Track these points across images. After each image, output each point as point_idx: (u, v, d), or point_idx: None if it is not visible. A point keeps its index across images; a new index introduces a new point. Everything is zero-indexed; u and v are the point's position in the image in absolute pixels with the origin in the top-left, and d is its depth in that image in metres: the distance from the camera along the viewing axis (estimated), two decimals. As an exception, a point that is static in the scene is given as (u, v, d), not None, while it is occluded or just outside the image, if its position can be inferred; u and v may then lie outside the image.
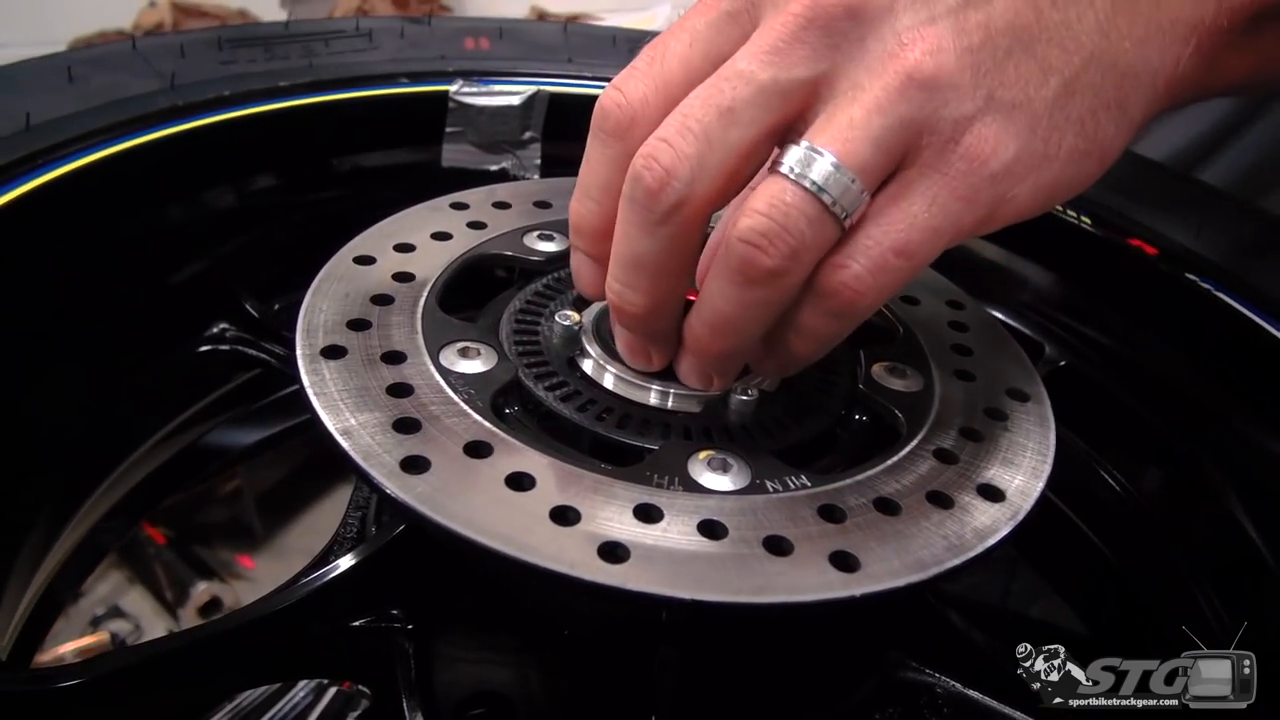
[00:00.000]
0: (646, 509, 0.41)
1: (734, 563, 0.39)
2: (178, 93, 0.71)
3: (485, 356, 0.50)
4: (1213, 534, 0.62)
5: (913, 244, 0.40)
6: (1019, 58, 0.40)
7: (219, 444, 0.76)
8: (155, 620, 1.93)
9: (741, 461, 0.45)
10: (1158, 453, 0.67)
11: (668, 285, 0.44)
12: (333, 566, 0.46)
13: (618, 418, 0.48)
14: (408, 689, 0.53)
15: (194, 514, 2.48)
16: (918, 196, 0.40)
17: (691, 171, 0.40)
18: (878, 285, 0.40)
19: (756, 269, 0.39)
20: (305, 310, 0.51)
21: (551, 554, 0.38)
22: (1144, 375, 0.69)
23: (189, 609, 1.90)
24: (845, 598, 0.38)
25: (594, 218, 0.46)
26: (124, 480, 0.68)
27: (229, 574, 2.04)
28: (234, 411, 0.77)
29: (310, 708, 0.91)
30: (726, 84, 0.40)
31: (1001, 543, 0.43)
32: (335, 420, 0.44)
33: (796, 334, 0.44)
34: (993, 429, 0.50)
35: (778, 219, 0.39)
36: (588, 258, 0.48)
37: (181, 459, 0.75)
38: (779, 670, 0.51)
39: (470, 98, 0.83)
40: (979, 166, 0.40)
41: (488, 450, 0.43)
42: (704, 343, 0.45)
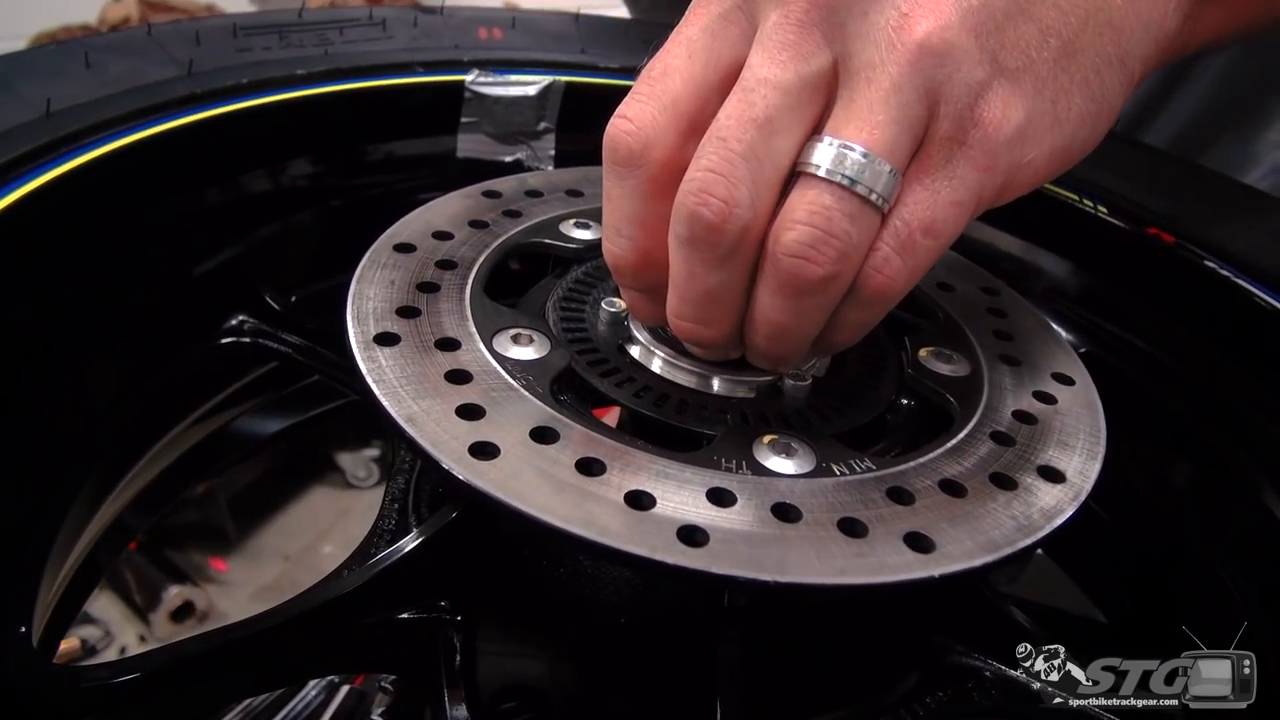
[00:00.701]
0: (719, 493, 0.41)
1: (812, 545, 0.39)
2: (196, 80, 0.70)
3: (538, 343, 0.49)
4: (1246, 525, 0.63)
5: (939, 221, 0.40)
6: (1017, 21, 0.40)
7: (240, 433, 0.75)
8: (125, 625, 1.89)
9: (805, 445, 0.45)
10: (1181, 442, 0.68)
11: (741, 305, 0.43)
12: (395, 549, 0.46)
13: (675, 404, 0.48)
14: (450, 681, 0.52)
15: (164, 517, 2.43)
16: (939, 172, 0.39)
17: (750, 195, 0.39)
18: (908, 268, 0.40)
19: (807, 280, 0.39)
20: (353, 297, 0.50)
21: (633, 538, 0.38)
22: (1166, 363, 0.70)
23: (161, 613, 1.86)
24: (924, 578, 0.39)
25: (630, 254, 0.44)
26: (147, 470, 0.67)
27: (201, 577, 2.01)
28: (255, 401, 0.76)
29: (323, 706, 0.90)
30: (755, 95, 0.39)
31: (1068, 523, 0.43)
32: (398, 407, 0.43)
33: (833, 326, 0.44)
34: (1044, 412, 0.50)
35: (821, 225, 0.38)
36: (638, 292, 0.47)
37: (202, 449, 0.74)
38: (832, 658, 0.51)
39: (486, 88, 0.82)
40: (994, 133, 0.39)
41: (554, 436, 0.43)
42: (763, 350, 0.45)
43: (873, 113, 0.38)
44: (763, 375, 0.50)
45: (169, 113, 0.67)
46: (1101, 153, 0.46)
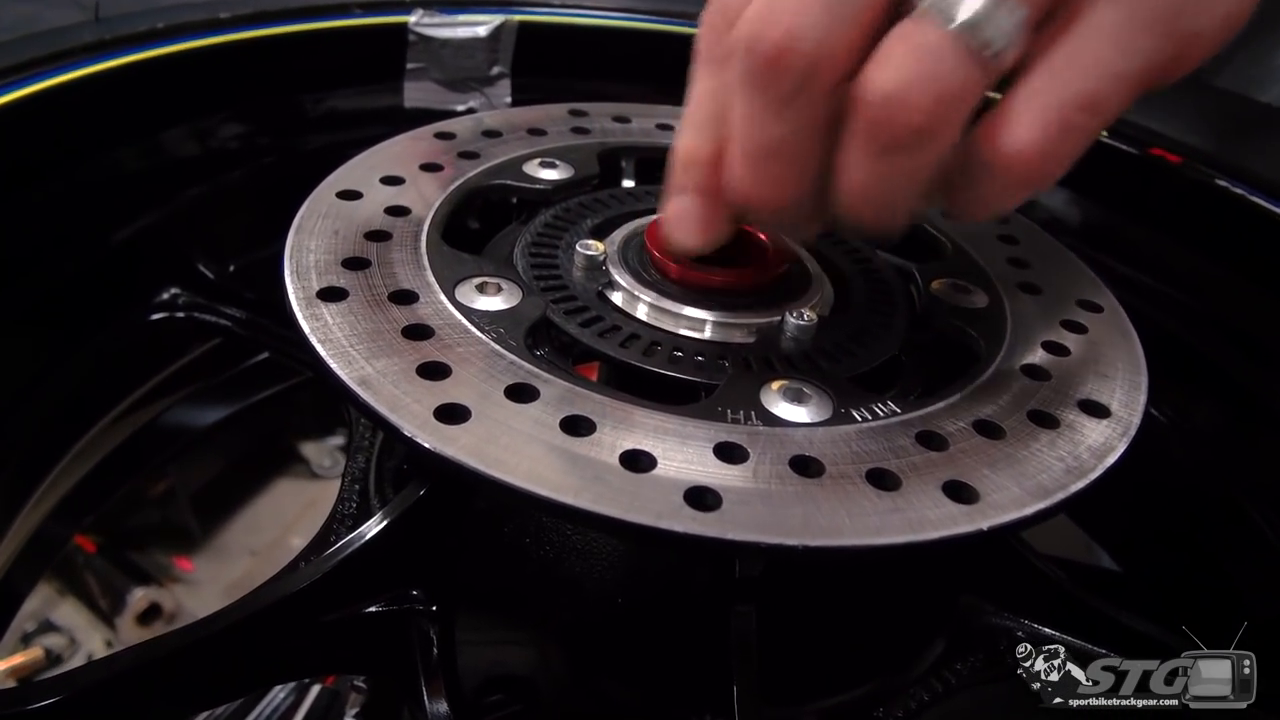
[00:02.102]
0: (728, 448, 0.35)
1: (840, 501, 0.34)
2: (104, 25, 0.62)
3: (507, 292, 0.43)
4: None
5: (1100, 94, 0.32)
6: None
7: (179, 423, 0.68)
8: (91, 632, 1.81)
9: (819, 390, 0.39)
10: (1206, 378, 0.63)
11: (810, 169, 0.35)
12: (355, 536, 0.40)
13: (667, 353, 0.42)
14: (429, 676, 0.46)
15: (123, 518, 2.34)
16: (1097, 32, 0.32)
17: (823, 26, 0.31)
18: (1061, 151, 0.32)
19: (897, 131, 0.31)
20: (290, 250, 0.43)
21: (634, 505, 0.32)
22: (1181, 295, 0.66)
23: (127, 617, 1.79)
24: (972, 532, 0.33)
25: (707, 151, 0.38)
26: (73, 469, 0.60)
27: (167, 578, 1.93)
28: (194, 387, 0.69)
29: (294, 708, 0.84)
30: None
31: (1120, 460, 0.38)
32: (349, 369, 0.37)
33: (965, 205, 0.36)
34: (1076, 342, 0.45)
35: (914, 69, 0.31)
36: (696, 195, 0.40)
37: (137, 441, 0.67)
38: (854, 628, 0.46)
39: (432, 29, 0.75)
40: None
41: (532, 393, 0.37)
42: (852, 219, 0.36)
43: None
44: (762, 317, 0.44)
45: (73, 61, 0.59)
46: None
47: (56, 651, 1.89)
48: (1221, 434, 0.62)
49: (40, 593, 1.70)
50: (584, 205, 0.53)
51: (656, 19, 0.82)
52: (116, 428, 0.63)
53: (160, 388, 0.66)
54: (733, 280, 0.46)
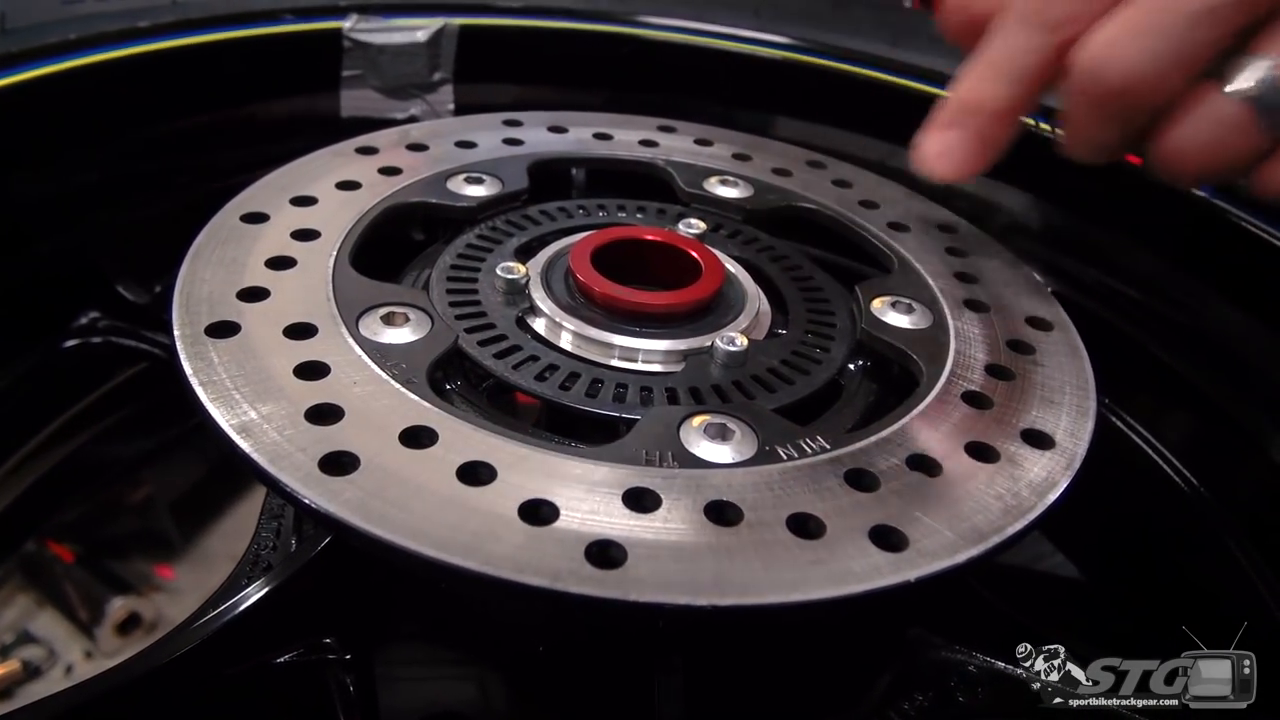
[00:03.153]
0: (638, 494, 0.33)
1: (756, 552, 0.31)
2: (10, 37, 0.59)
3: (416, 322, 0.40)
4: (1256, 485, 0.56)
5: None
6: None
7: (103, 456, 0.65)
8: (70, 643, 1.77)
9: (743, 425, 0.37)
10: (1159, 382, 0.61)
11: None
12: (239, 599, 0.37)
13: (586, 384, 0.40)
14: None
15: (101, 527, 2.30)
16: None
17: (1156, 76, 0.38)
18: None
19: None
20: (182, 281, 0.41)
21: (529, 563, 0.30)
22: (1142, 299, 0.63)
23: (106, 627, 1.75)
24: (898, 584, 0.31)
25: (996, 104, 0.44)
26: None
27: (148, 587, 1.89)
28: (117, 416, 0.66)
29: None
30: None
31: (1063, 497, 0.36)
32: (228, 415, 0.34)
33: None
34: (1022, 364, 0.43)
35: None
36: (969, 135, 0.45)
37: (60, 473, 0.64)
38: (793, 670, 0.44)
39: (368, 35, 0.72)
40: None
41: (431, 437, 0.34)
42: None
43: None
44: (691, 341, 0.42)
45: (-25, 75, 0.56)
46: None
47: (35, 663, 1.85)
48: (1188, 445, 0.60)
49: (18, 604, 1.67)
50: (510, 223, 0.50)
51: (610, 22, 0.79)
52: (35, 462, 0.60)
53: (81, 417, 0.62)
54: (662, 303, 0.43)
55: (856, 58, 0.73)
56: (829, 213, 0.53)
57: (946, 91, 0.47)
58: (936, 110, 0.47)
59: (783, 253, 0.50)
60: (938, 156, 0.46)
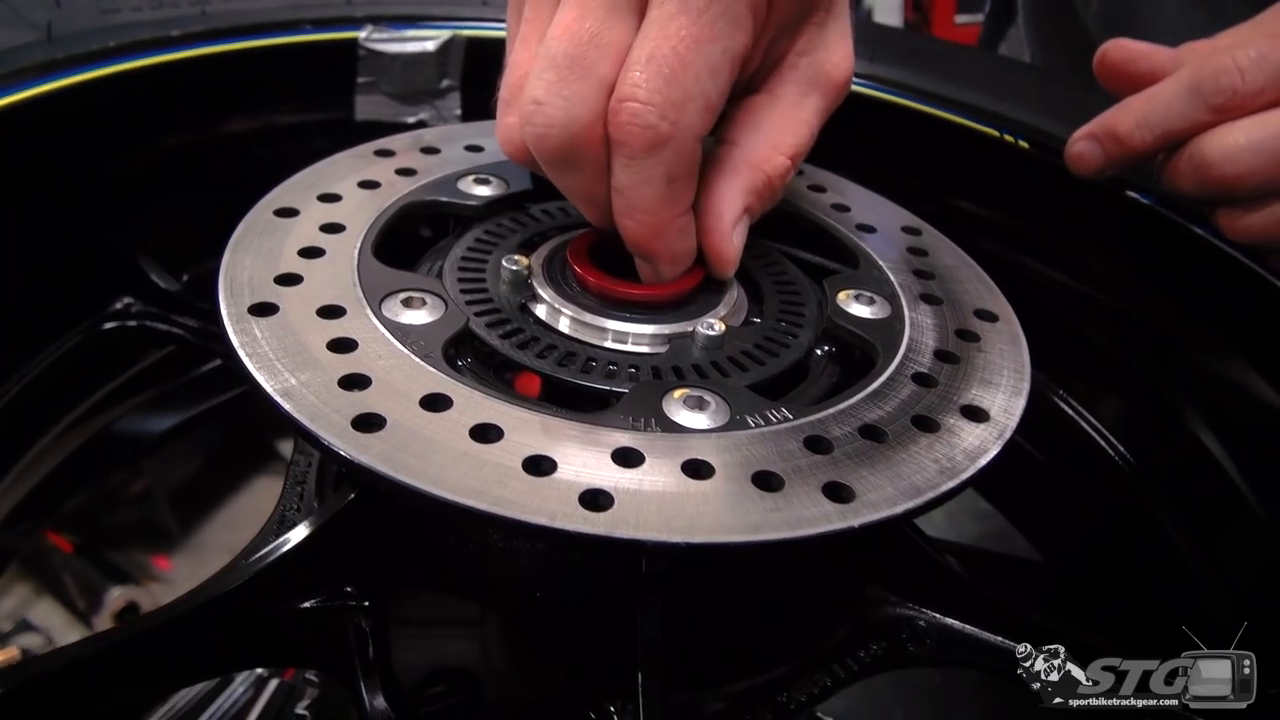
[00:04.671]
0: (625, 453, 0.38)
1: (724, 501, 0.37)
2: (56, 45, 0.64)
3: (431, 306, 0.46)
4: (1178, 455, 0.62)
5: None
6: None
7: (133, 430, 0.70)
8: (68, 631, 1.82)
9: (718, 398, 0.42)
10: (1111, 376, 0.67)
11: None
12: (282, 541, 0.42)
13: (581, 362, 0.45)
14: (365, 670, 0.49)
15: (101, 518, 2.34)
16: None
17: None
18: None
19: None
20: (226, 268, 0.46)
21: (530, 506, 0.35)
22: (1093, 299, 0.69)
23: (103, 616, 1.80)
24: (844, 529, 0.36)
25: (1141, 146, 0.59)
26: (27, 477, 0.62)
27: (145, 577, 1.94)
28: (147, 394, 0.71)
29: (252, 703, 0.86)
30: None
31: (993, 463, 0.41)
32: (273, 381, 0.39)
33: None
34: (967, 350, 0.48)
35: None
36: (1108, 158, 0.60)
37: (91, 448, 0.69)
38: (763, 617, 0.49)
39: (382, 45, 0.78)
40: None
41: (447, 403, 0.40)
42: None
43: None
44: (675, 327, 0.47)
45: (26, 80, 0.61)
46: (1020, 86, 0.45)
47: (34, 651, 1.89)
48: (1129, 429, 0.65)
49: (17, 592, 1.71)
50: (515, 220, 0.56)
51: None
52: (70, 435, 0.66)
53: (115, 394, 0.68)
54: (649, 293, 0.48)
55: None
56: (803, 214, 0.59)
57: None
58: (1099, 118, 0.61)
59: (761, 250, 0.56)
60: (1076, 157, 0.62)
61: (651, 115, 0.41)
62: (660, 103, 0.41)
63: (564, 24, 0.43)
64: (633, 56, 0.42)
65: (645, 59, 0.41)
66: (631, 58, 0.42)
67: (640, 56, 0.42)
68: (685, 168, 0.44)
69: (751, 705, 0.47)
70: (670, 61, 0.41)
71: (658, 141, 0.42)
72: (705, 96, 0.43)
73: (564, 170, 0.46)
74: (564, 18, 0.43)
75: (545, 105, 0.43)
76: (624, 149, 0.43)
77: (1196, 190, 0.58)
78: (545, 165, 0.46)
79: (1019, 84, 0.78)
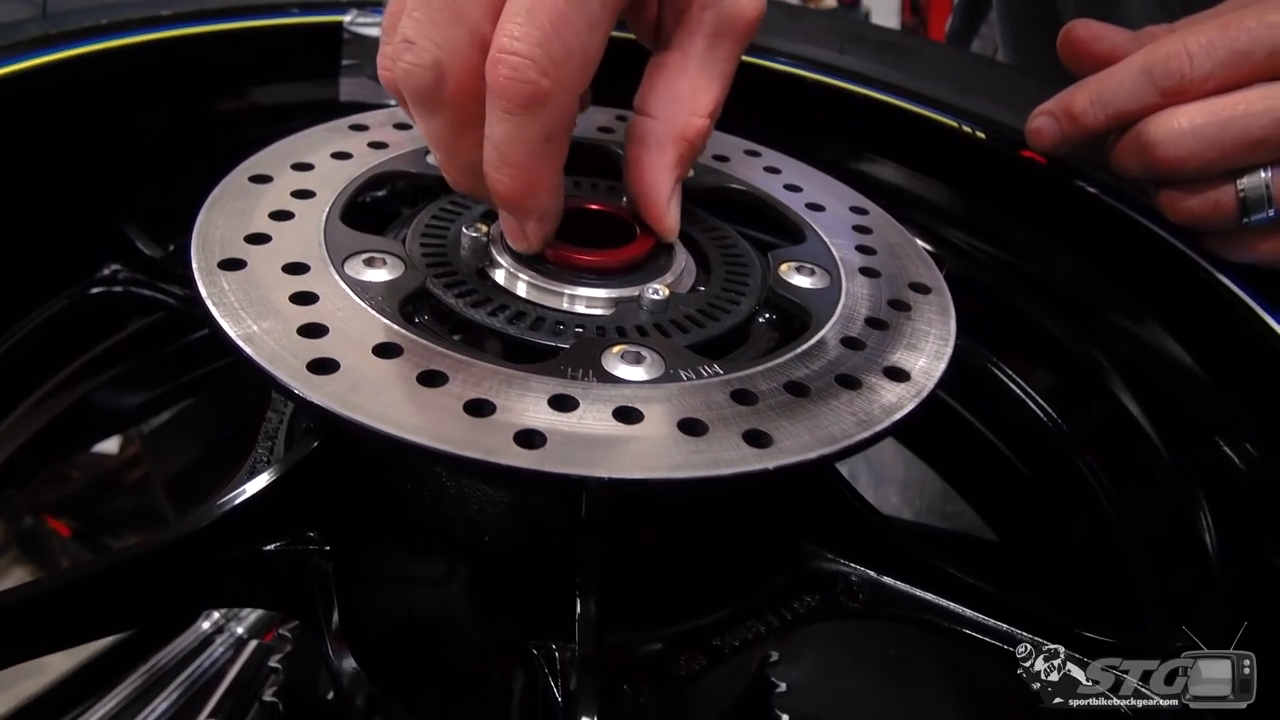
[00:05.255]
0: (562, 399, 0.41)
1: (650, 444, 0.40)
2: (51, 20, 0.67)
3: (391, 266, 0.49)
4: (1100, 415, 0.66)
5: None
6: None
7: (113, 399, 0.73)
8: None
9: (655, 354, 0.45)
10: (1049, 350, 0.70)
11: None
12: (247, 487, 0.45)
13: (530, 321, 0.48)
14: (326, 613, 0.52)
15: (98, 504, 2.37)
16: None
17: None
18: None
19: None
20: (200, 226, 0.49)
21: (468, 442, 0.38)
22: (1036, 279, 0.72)
23: (100, 600, 1.83)
24: (759, 470, 0.39)
25: (1095, 124, 0.63)
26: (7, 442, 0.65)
27: (141, 562, 1.97)
28: (130, 363, 0.74)
29: (231, 662, 0.89)
30: None
31: (908, 417, 0.44)
32: (237, 328, 0.42)
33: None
34: (897, 319, 0.51)
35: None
36: (1064, 134, 0.64)
37: (74, 415, 0.72)
38: (697, 564, 0.52)
39: (366, 28, 0.81)
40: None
41: (398, 351, 0.43)
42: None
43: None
44: (622, 291, 0.50)
45: (20, 53, 0.64)
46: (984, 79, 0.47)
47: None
48: (1057, 394, 0.69)
49: (15, 576, 1.74)
50: (479, 192, 0.58)
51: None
52: (52, 401, 0.69)
53: (99, 361, 0.71)
54: (601, 260, 0.51)
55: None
56: (756, 193, 0.62)
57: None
58: (1057, 95, 0.64)
59: (713, 225, 0.59)
60: (1034, 132, 0.66)
61: (532, 71, 0.41)
62: (541, 58, 0.41)
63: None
64: (512, 7, 0.42)
65: (526, 11, 0.41)
66: (511, 8, 0.42)
67: (520, 8, 0.41)
68: (563, 125, 0.45)
69: (687, 646, 0.49)
70: (551, 15, 0.41)
71: (538, 98, 0.42)
72: (585, 52, 0.43)
73: (427, 113, 0.46)
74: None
75: (415, 45, 0.43)
76: (503, 103, 0.42)
77: (1140, 170, 0.61)
78: (410, 104, 0.46)
79: (953, 67, 0.82)
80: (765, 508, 0.52)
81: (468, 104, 0.45)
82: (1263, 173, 0.56)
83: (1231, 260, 0.61)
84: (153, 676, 0.87)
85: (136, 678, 0.86)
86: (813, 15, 0.92)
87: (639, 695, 0.47)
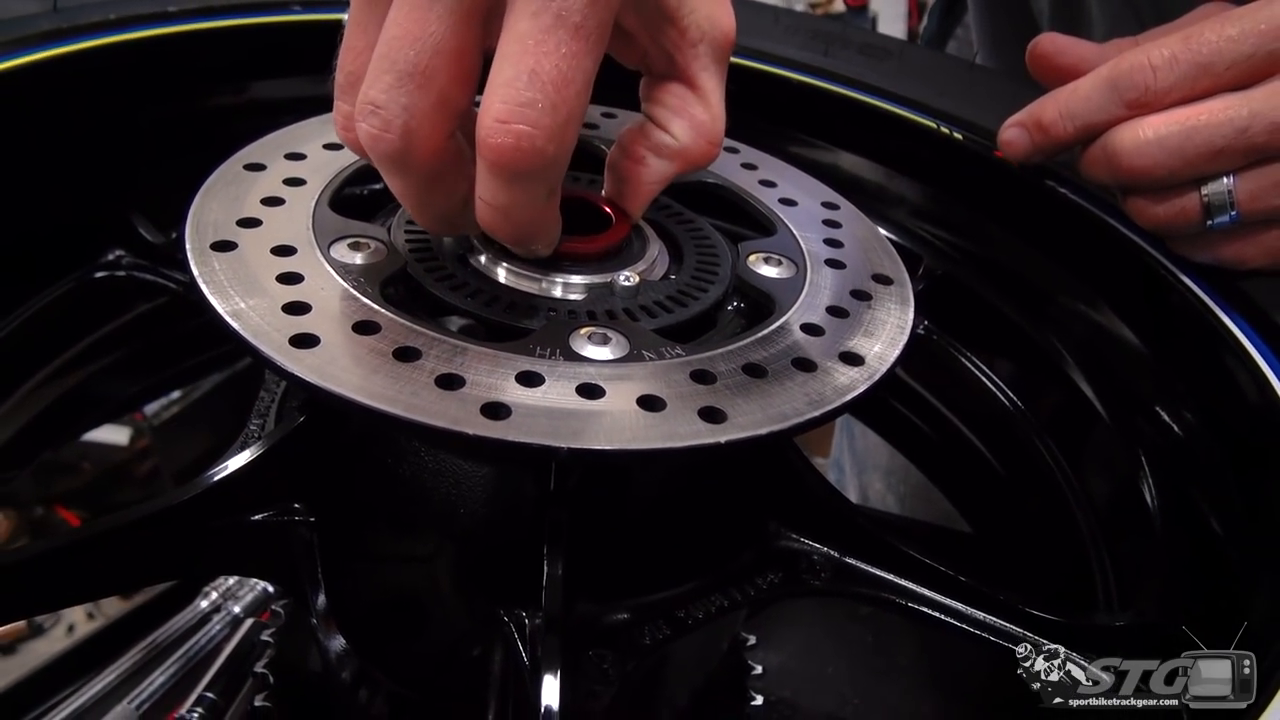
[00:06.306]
0: (529, 375, 0.44)
1: (610, 418, 0.42)
2: (60, 15, 0.70)
3: (374, 250, 0.51)
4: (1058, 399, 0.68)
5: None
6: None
7: (111, 386, 0.77)
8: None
9: (621, 336, 0.48)
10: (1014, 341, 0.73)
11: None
12: (234, 459, 0.48)
13: (505, 305, 0.51)
14: (312, 583, 0.55)
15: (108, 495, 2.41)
16: None
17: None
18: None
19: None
20: (194, 210, 0.52)
21: (437, 412, 0.40)
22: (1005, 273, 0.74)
23: (109, 589, 1.86)
24: (712, 444, 0.42)
25: (1064, 136, 0.65)
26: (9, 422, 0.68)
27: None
28: (131, 347, 0.77)
29: (227, 639, 0.92)
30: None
31: (859, 398, 0.47)
32: (225, 304, 0.45)
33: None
34: (858, 307, 0.54)
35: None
36: (1034, 145, 0.66)
37: (75, 395, 0.75)
38: (664, 538, 0.54)
39: (365, 26, 0.83)
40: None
41: (375, 328, 0.45)
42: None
43: None
44: (595, 277, 0.52)
45: (30, 46, 0.67)
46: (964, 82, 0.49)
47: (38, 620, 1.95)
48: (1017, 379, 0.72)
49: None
50: (465, 183, 0.61)
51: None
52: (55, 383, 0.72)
53: (101, 344, 0.74)
54: (577, 248, 0.54)
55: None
56: (731, 187, 0.64)
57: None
58: (1028, 107, 0.66)
59: (688, 218, 0.61)
60: (1006, 143, 0.68)
61: (540, 139, 0.40)
62: (549, 125, 0.40)
63: (403, 21, 0.41)
64: (508, 72, 0.40)
65: (528, 76, 0.40)
66: (507, 73, 0.40)
67: (520, 72, 0.40)
68: (561, 177, 0.45)
69: (652, 617, 0.52)
70: (555, 80, 0.40)
71: (544, 164, 0.42)
72: (583, 110, 0.43)
73: (394, 174, 0.45)
74: (403, 13, 0.41)
75: (381, 110, 0.42)
76: (506, 171, 0.42)
77: (1109, 179, 0.63)
78: (377, 165, 0.45)
79: (923, 67, 0.84)
80: (730, 485, 0.55)
81: (437, 165, 0.45)
82: (1225, 180, 0.58)
83: (1195, 261, 0.63)
84: (151, 652, 0.90)
85: (136, 652, 0.89)
86: (790, 16, 0.94)
87: (603, 662, 0.50)
